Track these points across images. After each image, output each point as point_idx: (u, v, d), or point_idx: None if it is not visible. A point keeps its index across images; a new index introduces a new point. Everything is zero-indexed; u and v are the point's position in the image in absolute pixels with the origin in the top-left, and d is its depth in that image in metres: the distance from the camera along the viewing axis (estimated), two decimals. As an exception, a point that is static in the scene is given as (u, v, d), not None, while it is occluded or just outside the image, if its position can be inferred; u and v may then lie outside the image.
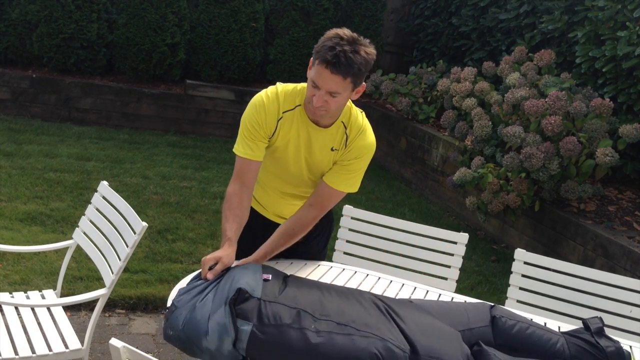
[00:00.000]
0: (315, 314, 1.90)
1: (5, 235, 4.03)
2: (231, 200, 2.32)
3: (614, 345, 2.09)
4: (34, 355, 2.35)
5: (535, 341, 2.09)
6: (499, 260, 5.04)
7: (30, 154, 5.68)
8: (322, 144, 2.36)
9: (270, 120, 2.32)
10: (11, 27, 6.93)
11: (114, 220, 2.70)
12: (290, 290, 2.02)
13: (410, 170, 6.96)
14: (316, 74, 2.14)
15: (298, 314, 1.90)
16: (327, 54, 2.09)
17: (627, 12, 4.96)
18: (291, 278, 2.19)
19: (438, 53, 7.92)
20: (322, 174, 2.44)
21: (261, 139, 2.34)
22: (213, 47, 7.44)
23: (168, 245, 4.34)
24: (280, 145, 2.37)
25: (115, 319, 3.48)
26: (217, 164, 6.38)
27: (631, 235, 4.41)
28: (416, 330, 1.95)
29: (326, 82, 2.14)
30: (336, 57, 2.09)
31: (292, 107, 2.33)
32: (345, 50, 2.09)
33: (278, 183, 2.50)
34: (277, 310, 1.89)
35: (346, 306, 1.99)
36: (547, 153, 4.53)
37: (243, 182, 2.35)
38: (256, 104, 2.33)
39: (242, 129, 2.35)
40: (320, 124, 2.33)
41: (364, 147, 2.38)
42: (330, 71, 2.11)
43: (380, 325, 1.92)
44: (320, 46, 2.13)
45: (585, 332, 2.16)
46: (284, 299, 1.95)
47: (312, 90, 2.19)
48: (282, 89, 2.35)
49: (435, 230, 2.98)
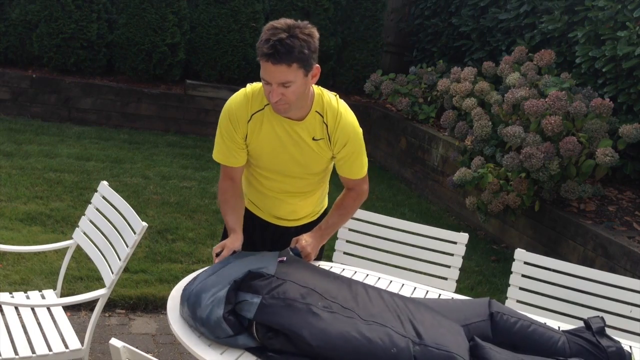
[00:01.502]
0: (325, 295, 1.98)
1: (5, 235, 4.03)
2: (224, 194, 2.44)
3: (615, 345, 2.09)
4: (34, 355, 2.35)
5: (536, 339, 2.10)
6: (499, 260, 5.04)
7: (30, 154, 5.68)
8: (302, 136, 2.35)
9: (241, 124, 2.35)
10: (11, 27, 6.93)
11: (114, 220, 2.70)
12: (304, 272, 2.11)
13: (410, 170, 6.96)
14: (262, 70, 2.16)
15: (307, 292, 1.97)
16: (264, 47, 2.10)
17: (627, 12, 4.96)
18: (306, 262, 2.31)
19: (438, 53, 7.92)
20: (314, 166, 2.44)
21: (236, 143, 2.38)
22: (213, 47, 7.44)
23: (168, 245, 4.34)
24: (259, 145, 2.38)
25: (115, 319, 3.48)
26: (217, 164, 6.33)
27: (631, 235, 4.41)
28: (423, 321, 1.99)
29: (273, 75, 2.14)
30: (273, 48, 2.08)
31: (262, 107, 2.34)
32: (282, 38, 2.09)
33: (270, 183, 2.49)
34: (287, 288, 1.97)
35: (353, 296, 2.05)
36: (547, 153, 4.53)
37: (231, 178, 2.46)
38: (227, 110, 2.38)
39: (218, 135, 2.41)
40: (293, 118, 2.32)
41: (345, 132, 2.36)
42: (272, 63, 2.11)
43: (384, 315, 1.97)
44: (259, 42, 2.14)
45: (587, 331, 2.15)
46: (295, 278, 2.04)
47: (266, 88, 2.20)
48: (252, 89, 2.37)
49: (435, 230, 2.98)
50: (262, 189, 2.52)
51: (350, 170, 2.46)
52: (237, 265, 2.08)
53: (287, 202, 2.52)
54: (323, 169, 2.48)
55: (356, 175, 2.48)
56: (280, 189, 2.49)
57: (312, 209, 2.62)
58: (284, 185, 2.48)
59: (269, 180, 2.48)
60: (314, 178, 2.49)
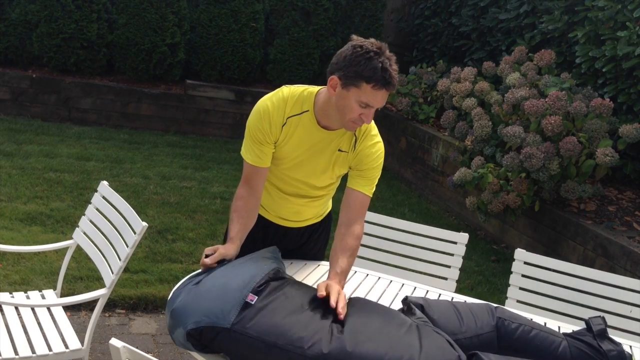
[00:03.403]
0: (287, 347, 1.83)
1: (5, 235, 4.03)
2: (237, 203, 2.33)
3: (616, 349, 2.08)
4: (34, 355, 2.35)
5: (537, 344, 2.09)
6: (499, 260, 5.04)
7: (30, 154, 5.68)
8: (329, 147, 2.33)
9: (275, 127, 2.30)
10: (11, 27, 6.93)
11: (114, 220, 2.70)
12: (272, 317, 1.91)
13: (410, 170, 6.96)
14: (370, 97, 2.10)
15: (267, 347, 1.83)
16: (382, 76, 2.07)
17: (627, 12, 4.96)
18: (276, 303, 2.02)
19: (438, 53, 7.92)
20: (331, 176, 2.42)
21: (267, 144, 2.32)
22: (213, 47, 7.44)
23: (168, 245, 4.34)
24: (286, 150, 2.35)
25: (115, 319, 3.48)
26: (217, 164, 6.38)
27: (631, 235, 4.41)
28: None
29: (381, 101, 2.14)
30: (391, 77, 2.08)
31: (299, 112, 2.30)
32: (391, 65, 2.10)
33: (283, 185, 2.48)
34: (245, 342, 1.85)
35: (324, 335, 1.89)
36: (547, 153, 4.53)
37: (251, 186, 2.35)
38: (260, 111, 2.31)
39: (248, 134, 2.34)
40: (332, 128, 2.31)
41: (369, 157, 2.35)
42: (387, 90, 2.11)
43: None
44: (366, 69, 2.07)
45: (588, 334, 2.14)
46: (260, 326, 1.87)
47: (359, 110, 2.15)
48: (290, 93, 2.31)
49: (435, 230, 2.98)
50: (271, 189, 2.51)
51: (362, 182, 2.38)
52: (218, 282, 2.01)
53: (295, 203, 2.51)
54: (336, 180, 2.48)
55: (370, 191, 2.41)
56: (292, 191, 2.48)
57: (317, 211, 2.61)
58: (296, 189, 2.47)
59: (283, 183, 2.46)
60: (328, 186, 2.50)
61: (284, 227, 2.59)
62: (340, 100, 2.16)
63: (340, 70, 2.13)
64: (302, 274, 2.54)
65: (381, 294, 2.53)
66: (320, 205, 2.59)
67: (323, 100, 2.26)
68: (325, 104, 2.24)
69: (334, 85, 2.17)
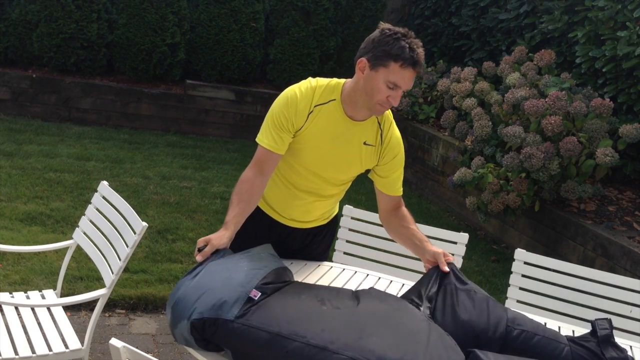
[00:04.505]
0: (291, 337, 1.83)
1: (5, 235, 4.03)
2: (241, 186, 2.30)
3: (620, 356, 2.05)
4: (34, 355, 2.35)
5: (539, 351, 2.08)
6: (499, 260, 5.04)
7: (30, 154, 5.68)
8: (354, 138, 2.34)
9: (301, 115, 2.30)
10: (11, 27, 6.93)
11: (114, 220, 2.70)
12: (274, 307, 1.93)
13: (410, 170, 6.96)
14: (398, 76, 2.15)
15: (272, 338, 1.83)
16: (410, 55, 2.12)
17: (627, 12, 4.96)
18: (281, 293, 2.06)
19: (438, 53, 7.92)
20: (351, 172, 2.43)
21: (287, 132, 2.31)
22: (213, 47, 7.44)
23: (168, 245, 4.34)
24: (307, 139, 2.33)
25: (115, 319, 3.48)
26: (217, 164, 6.38)
27: (631, 235, 4.41)
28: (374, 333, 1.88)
29: (409, 82, 2.18)
30: (417, 56, 2.13)
31: (326, 101, 2.31)
32: (418, 45, 2.15)
33: (298, 179, 2.44)
34: (248, 334, 1.85)
35: (328, 325, 1.90)
36: (547, 153, 4.53)
37: (261, 170, 2.33)
38: (288, 97, 2.31)
39: (269, 120, 2.32)
40: (357, 118, 2.32)
41: (397, 142, 2.40)
42: (414, 69, 2.15)
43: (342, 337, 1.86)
44: (394, 48, 2.13)
45: (592, 339, 2.12)
46: (262, 319, 1.87)
47: (387, 92, 2.18)
48: (318, 83, 2.34)
49: (435, 230, 2.98)
50: (284, 185, 2.47)
51: (396, 186, 2.46)
52: (214, 278, 2.00)
53: (305, 200, 2.48)
54: (355, 176, 2.48)
55: (399, 191, 2.49)
56: (305, 187, 2.45)
57: (324, 212, 2.59)
58: (311, 184, 2.43)
59: (299, 176, 2.43)
60: (343, 184, 2.49)
61: (289, 227, 2.57)
62: (369, 82, 2.20)
63: (369, 52, 2.18)
64: (303, 274, 2.53)
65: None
66: (329, 205, 2.58)
67: (350, 88, 2.29)
68: (353, 91, 2.27)
69: (362, 67, 2.21)
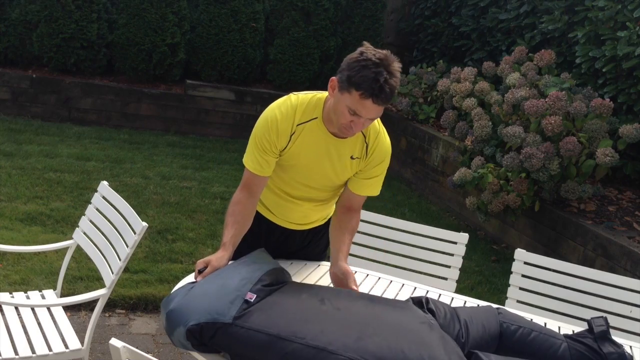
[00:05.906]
0: (290, 338, 1.83)
1: (5, 235, 4.03)
2: (234, 207, 2.30)
3: (617, 351, 2.06)
4: (34, 355, 2.34)
5: (537, 347, 2.08)
6: (499, 260, 5.04)
7: (30, 154, 5.68)
8: (340, 154, 2.31)
9: (283, 136, 2.26)
10: (11, 27, 6.93)
11: (114, 220, 2.70)
12: (272, 310, 1.93)
13: (410, 170, 6.96)
14: (358, 105, 2.05)
15: (271, 340, 1.82)
16: (372, 87, 2.00)
17: (627, 12, 4.96)
18: (286, 289, 2.08)
19: (438, 53, 7.92)
20: (340, 182, 2.42)
21: (271, 154, 2.29)
22: (213, 47, 7.44)
23: (168, 245, 4.34)
24: (293, 157, 2.32)
25: (115, 319, 3.48)
26: (217, 164, 6.38)
27: (631, 235, 4.41)
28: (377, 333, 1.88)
29: (370, 112, 2.08)
30: (381, 90, 2.00)
31: (308, 119, 2.27)
32: (387, 79, 2.01)
33: (292, 190, 2.45)
34: (247, 336, 1.84)
35: (327, 326, 1.90)
36: (547, 153, 4.53)
37: (250, 192, 2.33)
38: (268, 120, 2.26)
39: (252, 142, 2.30)
40: (340, 136, 2.28)
41: (382, 152, 2.37)
42: (374, 102, 2.04)
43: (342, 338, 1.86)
44: (357, 75, 2.02)
45: (589, 335, 2.13)
46: (260, 321, 1.87)
47: (349, 117, 2.10)
48: (299, 101, 2.28)
49: (435, 230, 2.98)
50: (280, 194, 2.48)
51: (371, 188, 2.46)
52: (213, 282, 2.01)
53: (304, 206, 2.49)
54: (345, 182, 2.48)
55: (373, 192, 2.47)
56: (301, 196, 2.46)
57: (323, 214, 2.61)
58: (304, 193, 2.45)
59: (292, 188, 2.44)
60: (336, 190, 2.49)
61: (289, 229, 2.58)
62: (336, 103, 2.14)
63: (340, 72, 2.11)
64: (303, 274, 2.54)
65: (381, 295, 2.53)
66: (327, 208, 2.59)
67: (327, 106, 2.24)
68: (328, 109, 2.23)
69: (333, 86, 2.15)
